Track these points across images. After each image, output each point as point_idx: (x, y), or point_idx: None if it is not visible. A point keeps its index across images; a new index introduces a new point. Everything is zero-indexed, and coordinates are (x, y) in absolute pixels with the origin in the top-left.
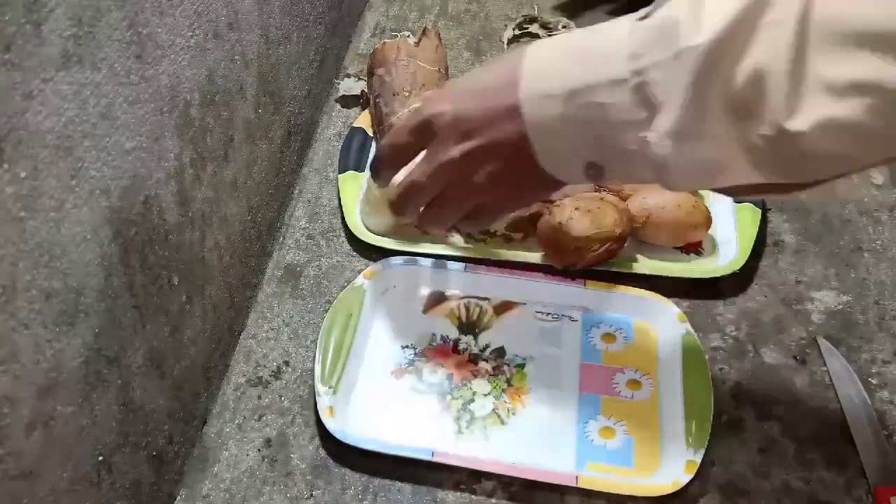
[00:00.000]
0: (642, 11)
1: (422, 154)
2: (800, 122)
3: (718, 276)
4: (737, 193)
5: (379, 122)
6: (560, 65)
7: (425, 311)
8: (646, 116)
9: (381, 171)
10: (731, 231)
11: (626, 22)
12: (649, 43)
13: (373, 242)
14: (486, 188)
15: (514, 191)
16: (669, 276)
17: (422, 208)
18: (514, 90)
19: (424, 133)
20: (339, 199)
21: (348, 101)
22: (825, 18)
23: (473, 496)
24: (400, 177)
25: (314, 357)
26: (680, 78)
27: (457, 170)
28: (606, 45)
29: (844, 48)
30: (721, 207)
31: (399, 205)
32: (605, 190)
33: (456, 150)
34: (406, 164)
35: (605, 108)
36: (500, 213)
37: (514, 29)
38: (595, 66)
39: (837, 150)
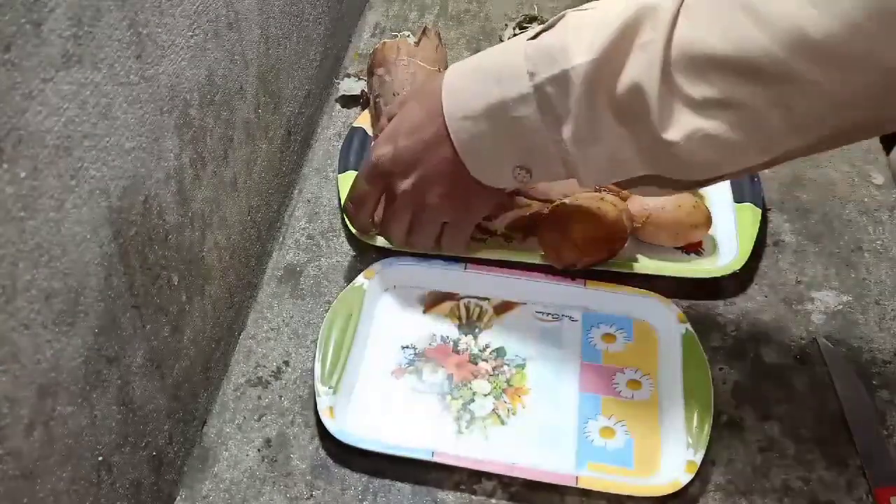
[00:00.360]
0: (531, 32)
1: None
2: (672, 133)
3: (718, 276)
4: (636, 185)
5: (379, 121)
6: (473, 86)
7: (425, 311)
8: (553, 123)
9: (355, 221)
10: (731, 231)
11: (521, 43)
12: (543, 62)
13: (373, 242)
14: (443, 208)
15: (465, 205)
16: (669, 276)
17: (404, 236)
18: (439, 118)
19: (377, 176)
20: (339, 199)
21: (348, 101)
22: (684, 43)
23: (473, 496)
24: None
25: (314, 357)
26: (572, 91)
27: (412, 199)
28: (508, 65)
29: (701, 70)
30: (721, 207)
31: (386, 239)
32: (604, 190)
33: (406, 184)
34: (374, 207)
35: (519, 120)
36: (462, 228)
37: (514, 28)
38: (503, 84)
39: (709, 157)
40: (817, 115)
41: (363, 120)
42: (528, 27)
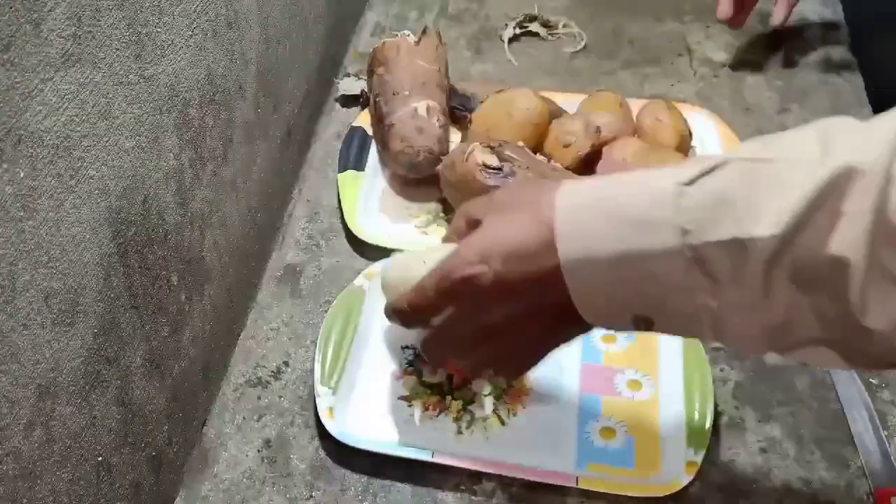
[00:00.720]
0: (686, 173)
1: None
2: (875, 321)
3: None
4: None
5: (379, 121)
6: (600, 227)
7: None
8: (706, 285)
9: (404, 324)
10: None
11: (669, 183)
12: (703, 219)
13: (373, 242)
14: (531, 343)
15: (555, 340)
16: None
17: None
18: (553, 253)
19: (458, 294)
20: (339, 199)
21: (348, 101)
22: None
23: (473, 497)
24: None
25: (314, 357)
26: (746, 262)
27: (499, 330)
28: (652, 210)
29: None
30: None
31: (427, 351)
32: None
33: (498, 315)
34: (429, 320)
35: (657, 276)
36: (537, 356)
37: (514, 28)
38: (642, 234)
39: None
40: None
41: (363, 120)
42: (528, 26)
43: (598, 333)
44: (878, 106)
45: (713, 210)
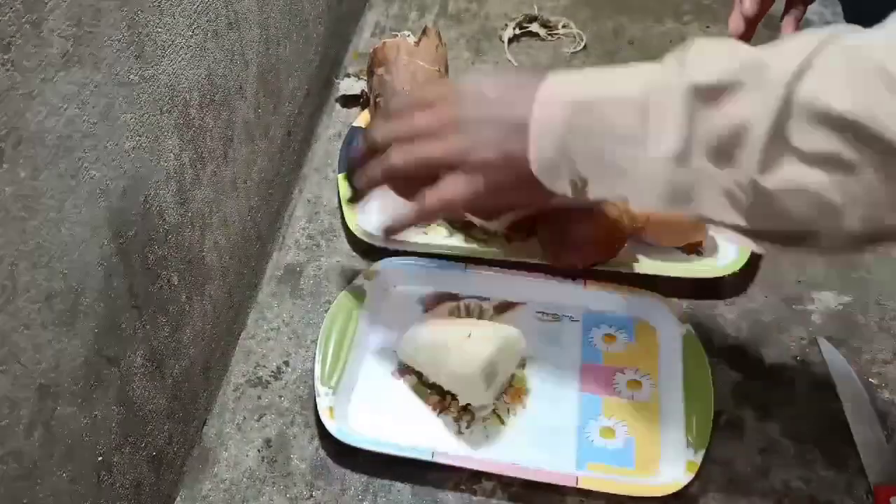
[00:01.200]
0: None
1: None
2: (770, 181)
3: (719, 276)
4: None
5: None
6: (577, 84)
7: (425, 311)
8: (643, 136)
9: (371, 133)
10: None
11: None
12: (659, 70)
13: (373, 242)
14: (478, 168)
15: (498, 181)
16: (670, 276)
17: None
18: (533, 90)
19: (442, 124)
20: (339, 199)
21: (348, 101)
22: (808, 95)
23: (473, 496)
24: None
25: (314, 357)
26: (677, 104)
27: (464, 136)
28: (626, 70)
29: (818, 124)
30: None
31: (371, 141)
32: None
33: (467, 114)
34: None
35: (610, 121)
36: (474, 191)
37: (514, 28)
38: (610, 84)
39: (803, 213)
40: None
41: (363, 120)
42: (528, 26)
43: (597, 333)
44: None
45: (670, 64)
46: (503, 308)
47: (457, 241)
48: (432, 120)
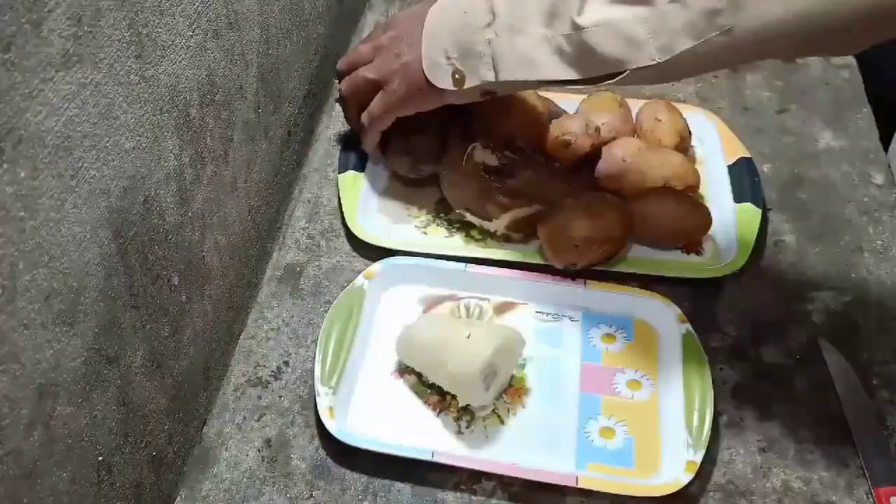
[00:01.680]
0: None
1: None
2: (585, 19)
3: (718, 276)
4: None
5: None
6: None
7: (425, 311)
8: (490, 20)
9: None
10: (731, 231)
11: None
12: None
13: (373, 242)
14: (394, 79)
15: (408, 85)
16: (669, 276)
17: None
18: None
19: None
20: (339, 199)
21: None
22: None
23: (473, 496)
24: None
25: (314, 357)
26: None
27: (383, 66)
28: None
29: None
30: (721, 208)
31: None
32: (605, 190)
33: (387, 36)
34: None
35: (467, 16)
36: (391, 104)
37: None
38: None
39: (613, 49)
40: (710, 13)
41: None
42: None
43: (597, 333)
44: (878, 106)
45: None
46: (503, 308)
47: (457, 241)
48: (369, 48)
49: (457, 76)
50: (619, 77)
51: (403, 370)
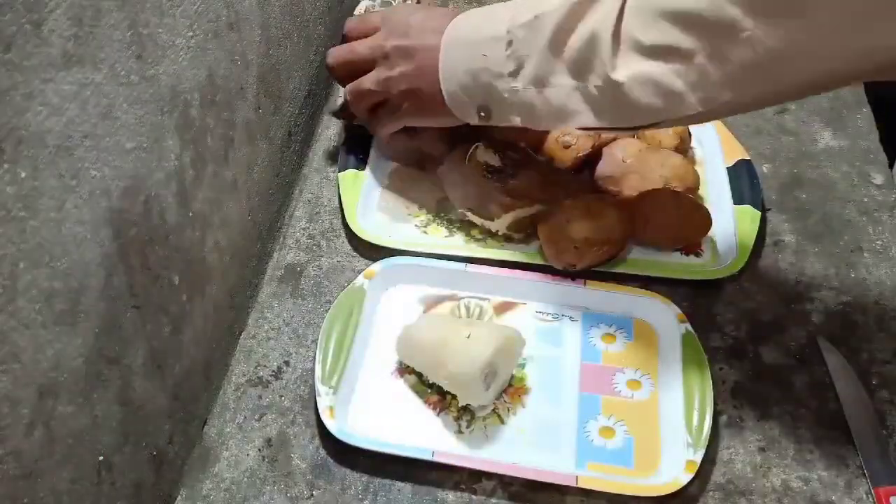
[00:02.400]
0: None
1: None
2: (620, 74)
3: (718, 277)
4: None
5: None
6: (474, 22)
7: (425, 311)
8: (514, 69)
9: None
10: (730, 232)
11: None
12: (521, 8)
13: (373, 242)
14: (405, 99)
15: (420, 102)
16: (669, 276)
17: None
18: (441, 32)
19: (377, 54)
20: (340, 199)
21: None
22: None
23: (473, 496)
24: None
25: (314, 357)
26: (537, 37)
27: (391, 83)
28: (498, 10)
29: (652, 18)
30: (721, 208)
31: (353, 102)
32: (606, 191)
33: (394, 41)
34: (357, 73)
35: (487, 60)
36: (400, 115)
37: None
38: (488, 25)
39: (652, 102)
40: (751, 67)
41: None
42: None
43: (597, 333)
44: (879, 106)
45: (527, 7)
46: (503, 308)
47: (457, 241)
48: (367, 48)
49: (482, 114)
50: (657, 124)
51: (403, 370)
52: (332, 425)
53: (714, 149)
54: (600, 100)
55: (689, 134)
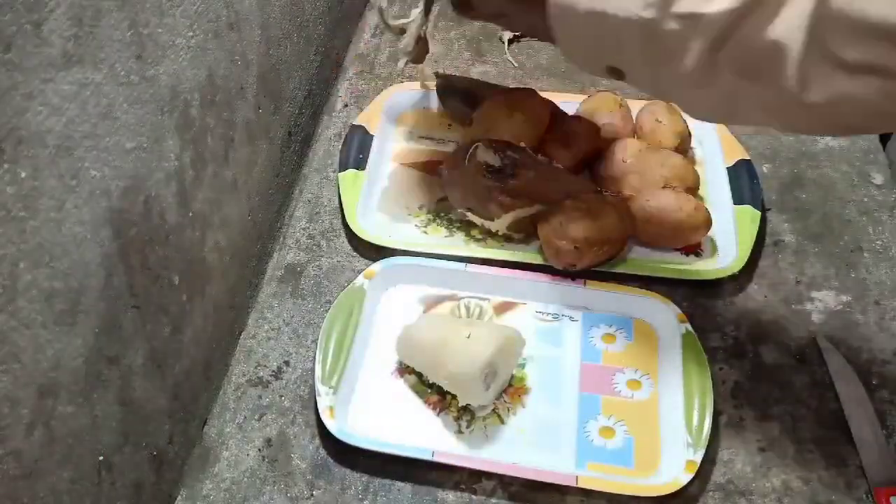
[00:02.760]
0: None
1: None
2: (815, 95)
3: (718, 277)
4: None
5: None
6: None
7: (425, 311)
8: (658, 58)
9: None
10: (730, 232)
11: None
12: None
13: (373, 242)
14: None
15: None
16: (669, 276)
17: None
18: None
19: None
20: (340, 199)
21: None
22: (842, 6)
23: (473, 496)
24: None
25: (314, 357)
26: (693, 38)
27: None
28: None
29: (857, 34)
30: (721, 208)
31: None
32: (606, 191)
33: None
34: None
35: (622, 41)
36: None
37: None
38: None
39: (853, 122)
40: None
41: (363, 119)
42: None
43: (597, 333)
44: None
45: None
46: (503, 308)
47: (457, 241)
48: None
49: (613, 75)
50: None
51: (403, 370)
52: (332, 425)
53: (714, 149)
54: (778, 109)
55: (690, 134)
